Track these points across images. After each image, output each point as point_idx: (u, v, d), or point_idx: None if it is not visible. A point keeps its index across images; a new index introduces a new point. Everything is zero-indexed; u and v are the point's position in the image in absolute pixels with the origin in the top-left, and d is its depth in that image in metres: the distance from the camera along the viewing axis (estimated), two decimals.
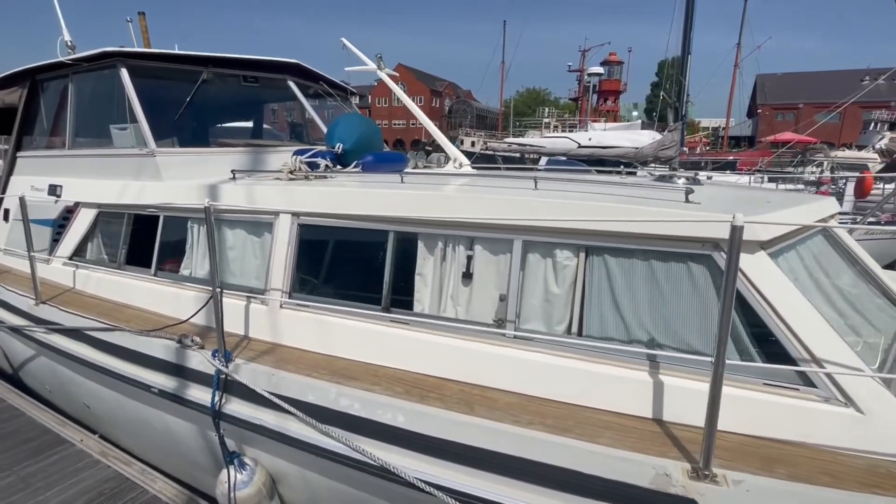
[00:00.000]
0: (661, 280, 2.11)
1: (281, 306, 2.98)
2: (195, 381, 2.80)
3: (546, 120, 40.00)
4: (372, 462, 2.13)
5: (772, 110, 52.12)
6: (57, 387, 4.22)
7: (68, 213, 4.38)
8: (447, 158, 4.29)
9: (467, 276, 2.55)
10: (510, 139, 20.59)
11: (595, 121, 30.70)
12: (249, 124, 6.33)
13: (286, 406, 2.38)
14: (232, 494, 2.68)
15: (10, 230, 5.05)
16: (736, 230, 1.52)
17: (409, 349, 2.55)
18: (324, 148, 4.05)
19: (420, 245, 2.67)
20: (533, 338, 2.30)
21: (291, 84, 5.11)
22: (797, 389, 1.85)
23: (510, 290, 2.38)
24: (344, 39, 4.67)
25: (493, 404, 2.17)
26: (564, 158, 13.68)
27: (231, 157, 4.24)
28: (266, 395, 2.45)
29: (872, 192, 8.93)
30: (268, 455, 2.75)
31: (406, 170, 3.97)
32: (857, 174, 10.04)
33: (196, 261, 3.54)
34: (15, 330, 4.01)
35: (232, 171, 3.69)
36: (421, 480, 1.99)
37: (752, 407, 1.85)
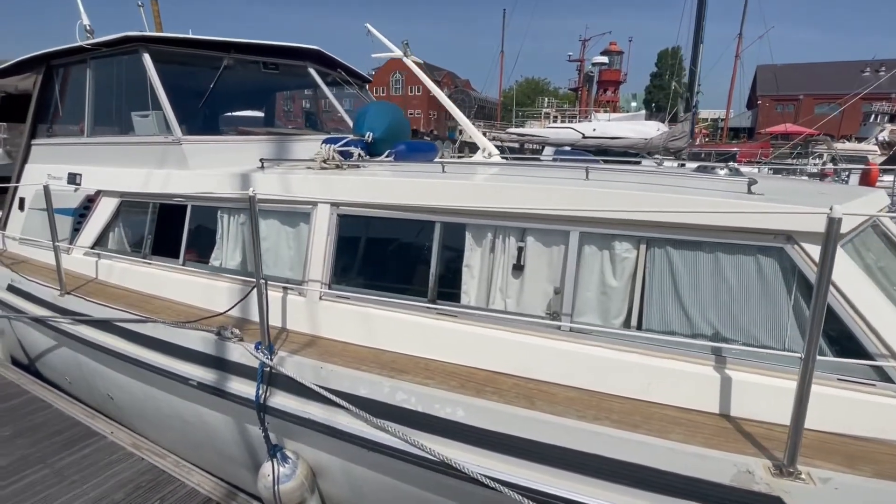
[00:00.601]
0: (727, 273, 2.07)
1: (320, 298, 2.93)
2: (236, 374, 2.76)
3: (546, 110, 39.78)
4: (432, 457, 2.10)
5: (772, 102, 51.99)
6: (78, 378, 4.16)
7: (89, 202, 4.30)
8: (466, 149, 4.21)
9: (518, 267, 2.50)
10: (513, 129, 20.48)
11: (598, 111, 30.54)
12: (260, 113, 6.23)
13: (338, 400, 2.34)
14: (276, 488, 2.65)
15: (26, 219, 4.96)
16: (833, 222, 1.48)
17: (459, 342, 2.51)
18: (353, 137, 3.99)
19: (468, 236, 2.62)
20: (591, 331, 2.26)
21: (312, 71, 5.02)
22: (874, 385, 1.83)
23: (566, 283, 2.34)
24: (368, 25, 4.58)
25: (553, 399, 2.13)
26: (569, 149, 13.63)
27: (255, 146, 4.16)
28: (316, 388, 2.41)
29: (878, 183, 8.93)
30: (310, 448, 2.72)
31: (436, 159, 3.91)
32: (860, 166, 10.02)
33: (227, 251, 3.48)
34: (38, 320, 3.94)
35: (260, 160, 3.62)
36: (487, 477, 1.96)
37: (828, 403, 1.83)
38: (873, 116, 34.01)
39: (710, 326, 2.11)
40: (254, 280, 3.19)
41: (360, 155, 3.50)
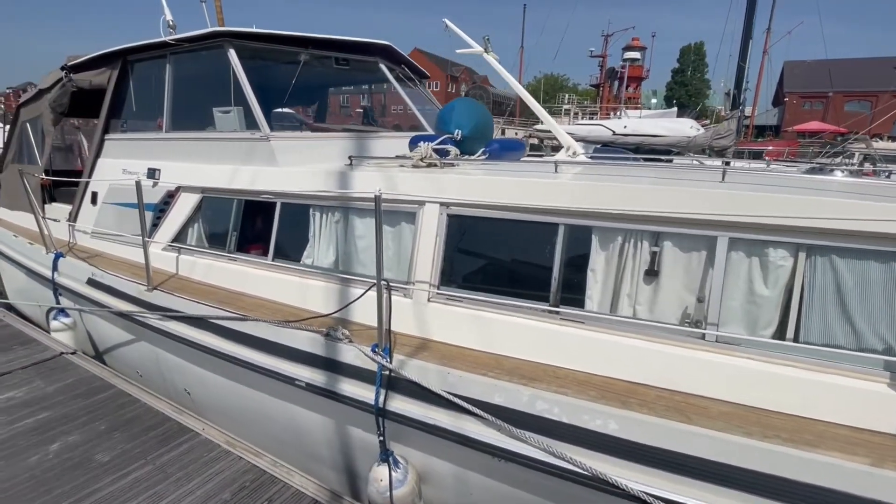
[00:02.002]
0: None
1: (429, 300, 2.88)
2: (348, 376, 2.72)
3: (566, 107, 39.35)
4: (583, 471, 2.03)
5: (799, 99, 50.80)
6: (153, 371, 4.18)
7: (169, 198, 4.30)
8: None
9: (651, 273, 2.42)
10: (539, 126, 20.27)
11: (624, 108, 30.10)
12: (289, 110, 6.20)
13: (471, 408, 2.28)
14: (390, 493, 2.62)
15: (98, 213, 4.99)
16: None
17: (588, 350, 2.43)
18: (440, 134, 3.92)
19: (594, 239, 2.54)
20: (741, 341, 2.17)
21: (383, 67, 4.96)
22: None
23: (711, 291, 2.24)
24: (447, 21, 4.50)
25: (706, 413, 2.05)
26: (599, 146, 13.41)
27: (338, 143, 4.12)
28: (446, 395, 2.35)
29: None
30: (419, 453, 2.67)
31: (524, 158, 3.82)
32: None
33: (320, 249, 3.45)
34: (125, 316, 3.95)
35: (349, 157, 3.58)
36: (650, 494, 1.89)
37: None
38: None
39: (882, 341, 2.00)
40: (357, 278, 3.17)
41: (455, 153, 3.43)
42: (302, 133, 4.03)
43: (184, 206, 4.20)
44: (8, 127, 6.83)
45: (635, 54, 44.45)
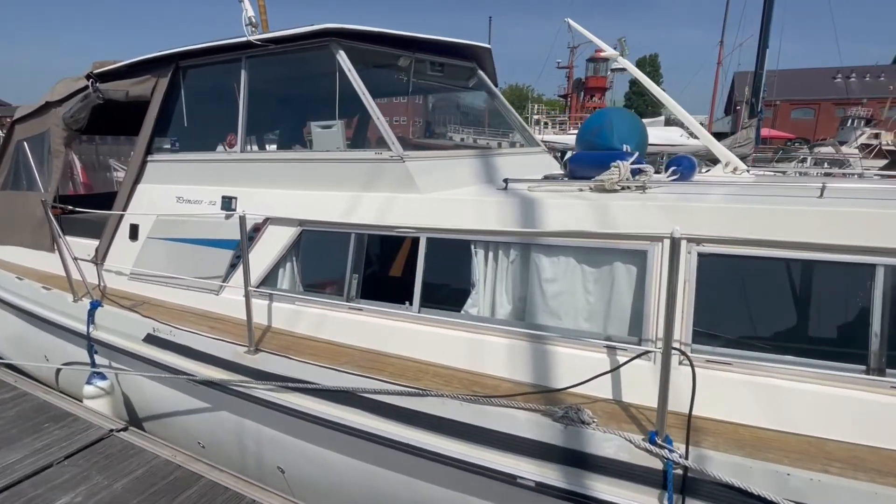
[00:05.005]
0: None
1: (680, 363, 2.27)
2: (607, 474, 2.06)
3: (536, 117, 39.71)
4: None
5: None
6: (227, 442, 3.38)
7: (254, 232, 3.50)
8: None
9: None
10: (546, 138, 20.07)
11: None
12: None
13: None
14: None
15: (141, 250, 4.09)
16: None
17: None
18: (587, 149, 3.35)
19: None
20: None
21: (481, 74, 4.35)
22: None
23: None
24: (569, 20, 3.95)
25: None
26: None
27: (467, 162, 3.46)
28: None
29: None
30: None
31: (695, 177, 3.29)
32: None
33: (491, 296, 2.78)
34: (212, 384, 3.12)
35: (504, 180, 2.95)
36: None
37: None
38: (850, 121, 35.32)
39: None
40: (558, 335, 2.52)
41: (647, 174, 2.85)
42: (434, 151, 3.36)
43: (273, 242, 3.41)
44: None
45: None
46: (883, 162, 18.88)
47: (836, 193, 2.41)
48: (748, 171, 3.55)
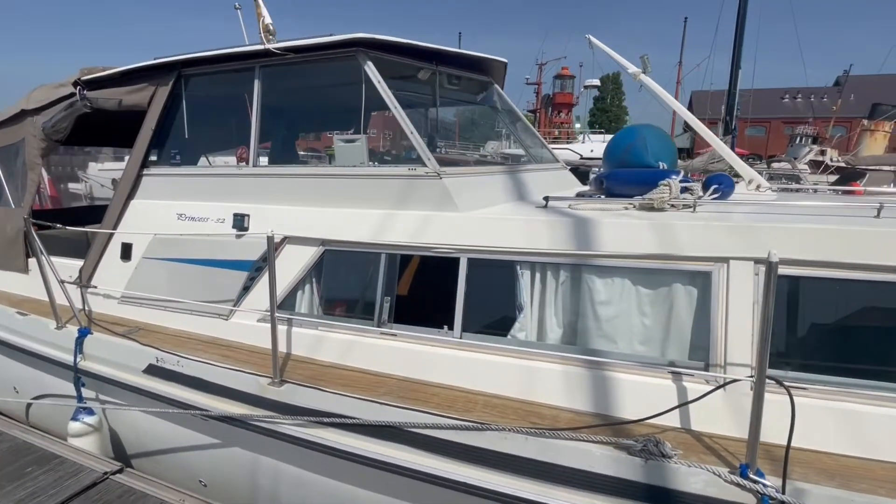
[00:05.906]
0: None
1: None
2: None
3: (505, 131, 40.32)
4: None
5: (708, 124, 56.02)
6: (236, 479, 3.10)
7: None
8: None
9: None
10: (508, 151, 20.26)
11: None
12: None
13: None
14: None
15: (135, 271, 3.76)
16: None
17: None
18: (615, 167, 3.29)
19: None
20: None
21: (497, 88, 4.26)
22: None
23: None
24: (590, 37, 3.91)
25: None
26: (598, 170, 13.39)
27: (498, 179, 3.35)
28: None
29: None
30: None
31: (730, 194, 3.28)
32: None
33: (541, 319, 2.64)
34: (230, 419, 2.84)
35: (545, 198, 2.85)
36: None
37: None
38: (798, 139, 37.56)
39: None
40: (621, 360, 2.40)
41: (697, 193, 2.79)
42: (472, 168, 3.22)
43: (292, 262, 3.18)
44: None
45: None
46: (834, 178, 20.10)
47: (891, 213, 2.40)
48: (771, 189, 3.57)
